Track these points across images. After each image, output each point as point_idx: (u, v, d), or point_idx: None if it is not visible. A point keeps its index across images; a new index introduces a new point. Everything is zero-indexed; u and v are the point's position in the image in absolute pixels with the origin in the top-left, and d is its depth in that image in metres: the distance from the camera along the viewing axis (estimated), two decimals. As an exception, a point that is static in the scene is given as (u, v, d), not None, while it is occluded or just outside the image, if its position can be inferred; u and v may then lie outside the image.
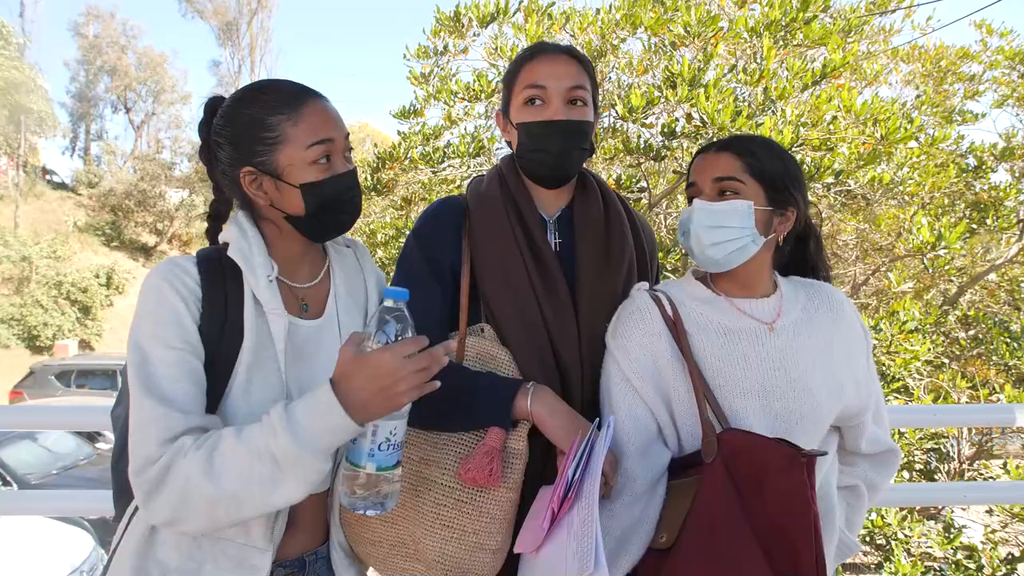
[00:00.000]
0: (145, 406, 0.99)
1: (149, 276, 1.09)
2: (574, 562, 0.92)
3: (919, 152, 3.89)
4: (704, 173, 1.21)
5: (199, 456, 0.96)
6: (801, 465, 0.97)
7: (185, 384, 1.03)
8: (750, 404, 1.13)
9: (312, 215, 1.14)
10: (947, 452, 4.34)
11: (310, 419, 0.96)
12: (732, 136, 1.29)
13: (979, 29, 5.65)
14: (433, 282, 1.27)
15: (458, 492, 1.15)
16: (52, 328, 18.61)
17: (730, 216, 1.17)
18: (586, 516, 0.94)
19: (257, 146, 1.12)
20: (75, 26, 31.06)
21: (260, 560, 1.08)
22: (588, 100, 1.31)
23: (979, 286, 5.46)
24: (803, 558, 0.96)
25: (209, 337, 1.08)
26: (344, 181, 1.16)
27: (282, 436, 0.95)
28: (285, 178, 1.12)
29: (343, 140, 1.17)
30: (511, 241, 1.28)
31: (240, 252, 1.13)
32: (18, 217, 22.35)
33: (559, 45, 1.36)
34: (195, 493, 0.95)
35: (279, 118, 1.11)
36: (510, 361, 1.23)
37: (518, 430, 1.18)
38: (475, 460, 1.13)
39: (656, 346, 1.18)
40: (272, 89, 1.15)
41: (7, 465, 6.15)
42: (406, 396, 0.96)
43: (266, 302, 1.11)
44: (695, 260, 1.23)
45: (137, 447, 0.99)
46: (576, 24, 3.99)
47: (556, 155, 1.28)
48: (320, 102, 1.16)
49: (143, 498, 0.98)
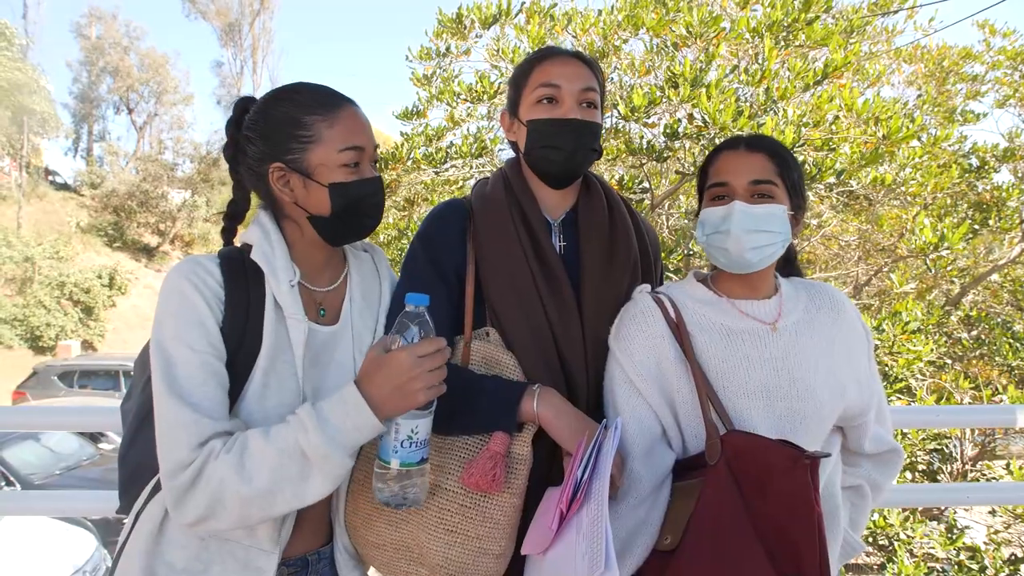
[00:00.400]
0: (173, 410, 1.01)
1: (170, 275, 1.10)
2: (584, 563, 0.91)
3: (921, 152, 3.88)
4: (739, 174, 1.19)
5: (230, 459, 0.99)
6: (804, 467, 0.97)
7: (211, 388, 1.04)
8: (753, 405, 1.13)
9: (336, 215, 1.16)
10: (950, 453, 4.33)
11: (339, 418, 1.00)
12: (754, 136, 1.27)
13: (982, 29, 5.65)
14: (439, 284, 1.27)
15: (462, 497, 1.15)
16: (55, 329, 18.64)
17: (770, 220, 1.17)
18: (596, 516, 0.94)
19: (291, 143, 1.14)
20: (77, 27, 31.15)
21: (266, 562, 1.09)
22: (598, 103, 1.33)
23: (982, 286, 5.45)
24: (806, 560, 0.95)
25: (230, 339, 1.08)
26: (370, 186, 1.18)
27: (313, 434, 0.98)
28: (315, 177, 1.14)
29: (372, 150, 1.20)
30: (515, 244, 1.28)
31: (263, 255, 1.14)
32: (21, 218, 22.39)
33: (569, 49, 1.38)
34: (229, 493, 0.98)
35: (315, 118, 1.14)
36: (515, 365, 1.23)
37: (522, 435, 1.18)
38: (479, 465, 1.13)
39: (659, 348, 1.18)
40: (309, 91, 1.18)
41: (10, 465, 6.17)
42: (421, 394, 0.99)
43: (287, 307, 1.12)
44: (720, 260, 1.21)
45: (168, 451, 1.01)
46: (578, 25, 3.99)
47: (567, 152, 1.28)
48: (354, 108, 1.19)
49: (175, 501, 1.00)
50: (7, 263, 19.05)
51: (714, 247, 1.20)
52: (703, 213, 1.23)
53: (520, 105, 1.34)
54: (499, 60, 4.12)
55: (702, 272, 1.34)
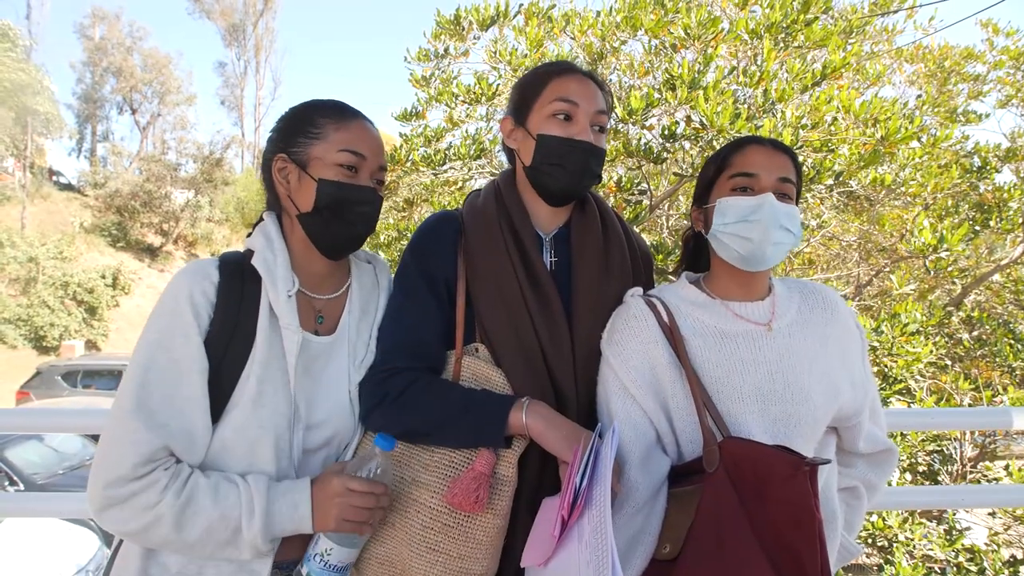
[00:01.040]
0: (130, 422, 1.03)
1: (172, 280, 1.13)
2: (589, 571, 0.91)
3: (921, 153, 3.86)
4: (770, 170, 1.18)
5: (175, 505, 1.03)
6: (805, 474, 0.96)
7: (178, 402, 1.06)
8: (748, 409, 1.13)
9: (318, 212, 1.17)
10: (950, 454, 4.32)
11: (284, 520, 1.08)
12: (770, 138, 1.26)
13: (985, 28, 5.62)
14: (429, 297, 1.26)
15: (445, 516, 1.15)
16: (59, 328, 18.68)
17: (794, 220, 1.18)
18: (598, 524, 0.93)
19: (299, 137, 1.19)
20: (81, 28, 31.30)
21: (260, 566, 1.10)
22: (606, 128, 1.33)
23: (984, 287, 5.42)
24: (808, 567, 0.94)
25: (217, 341, 1.09)
26: (361, 193, 1.19)
27: (257, 523, 1.05)
28: (309, 170, 1.18)
29: (376, 167, 1.22)
30: (505, 259, 1.26)
31: (264, 263, 1.16)
32: (25, 218, 22.45)
33: (584, 69, 1.36)
34: (160, 532, 1.03)
35: (326, 120, 1.19)
36: (504, 383, 1.22)
37: (507, 456, 1.17)
38: (462, 484, 1.13)
39: (653, 353, 1.18)
40: (334, 103, 1.23)
41: (14, 465, 6.20)
42: (332, 520, 1.07)
43: (282, 317, 1.13)
44: (737, 251, 1.19)
45: (110, 461, 1.03)
46: (576, 27, 3.98)
47: (573, 174, 1.27)
48: (368, 124, 1.23)
49: (98, 508, 1.03)
50: (11, 263, 19.10)
51: (735, 236, 1.18)
52: (725, 201, 1.19)
53: (530, 115, 1.31)
54: (498, 62, 4.11)
55: (693, 274, 1.33)
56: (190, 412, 1.06)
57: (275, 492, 1.08)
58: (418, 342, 1.24)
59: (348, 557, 1.11)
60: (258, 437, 1.09)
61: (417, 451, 1.22)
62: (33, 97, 22.94)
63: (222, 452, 1.09)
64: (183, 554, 1.06)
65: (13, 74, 21.63)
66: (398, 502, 1.18)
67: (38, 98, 23.38)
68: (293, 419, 1.12)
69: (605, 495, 0.95)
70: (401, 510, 1.18)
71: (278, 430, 1.10)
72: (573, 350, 1.24)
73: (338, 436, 1.21)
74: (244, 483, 1.07)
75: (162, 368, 1.06)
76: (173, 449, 1.05)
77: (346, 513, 1.06)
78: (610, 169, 4.05)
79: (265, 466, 1.10)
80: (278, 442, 1.11)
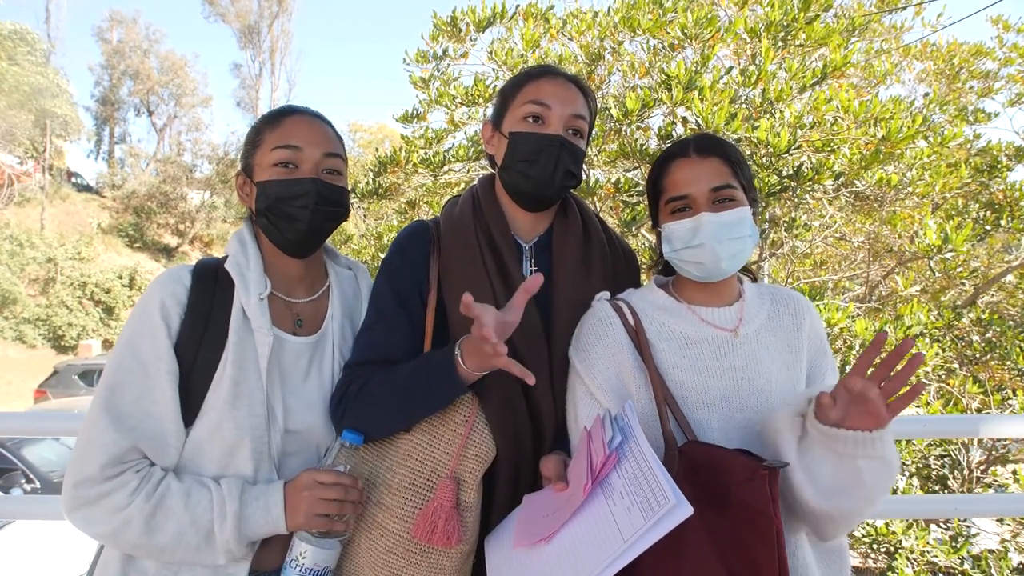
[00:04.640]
0: (100, 424, 1.04)
1: (148, 288, 1.16)
2: (636, 513, 0.89)
3: (928, 152, 3.78)
4: (698, 184, 1.15)
5: (145, 508, 1.03)
6: (763, 476, 0.95)
7: (145, 403, 1.07)
8: (713, 415, 1.11)
9: (261, 214, 1.20)
10: (956, 459, 4.23)
11: (258, 524, 1.07)
12: (701, 138, 1.22)
13: (995, 25, 5.50)
14: (400, 313, 1.23)
15: (407, 543, 1.13)
16: (76, 328, 19.02)
17: (741, 226, 1.15)
18: (637, 468, 0.93)
19: (248, 149, 1.23)
20: (99, 31, 31.79)
21: (236, 569, 1.10)
22: (584, 133, 1.29)
23: (997, 287, 5.31)
24: (765, 572, 0.93)
25: (188, 344, 1.11)
26: (296, 187, 1.18)
27: (229, 526, 1.05)
28: (253, 176, 1.21)
29: (319, 155, 1.20)
30: (480, 269, 1.23)
31: (236, 266, 1.18)
32: (44, 219, 22.86)
33: (567, 72, 1.33)
34: (129, 535, 1.03)
35: (264, 126, 1.22)
36: (471, 399, 1.18)
37: (468, 483, 1.15)
38: (428, 518, 1.12)
39: (618, 357, 1.16)
40: (274, 110, 1.26)
41: (31, 464, 6.28)
42: (303, 516, 1.06)
43: (254, 319, 1.14)
44: (694, 274, 1.18)
45: (81, 462, 1.04)
46: (574, 27, 3.96)
47: (545, 170, 1.23)
48: (303, 116, 1.23)
49: (68, 508, 1.04)
50: (31, 264, 19.48)
51: (686, 262, 1.17)
52: (668, 228, 1.19)
53: (504, 118, 1.29)
54: (497, 63, 4.11)
55: (662, 277, 1.32)
56: (159, 414, 1.07)
57: (248, 495, 1.08)
58: (383, 360, 1.21)
59: (325, 560, 1.09)
60: (234, 439, 1.09)
61: (381, 471, 1.19)
62: (52, 100, 23.35)
63: (197, 454, 1.10)
64: (154, 559, 1.06)
65: (32, 77, 22.03)
66: (364, 522, 1.17)
67: (57, 101, 23.80)
68: (268, 420, 1.12)
69: (642, 446, 0.95)
70: (367, 531, 1.16)
71: (255, 432, 1.10)
72: (551, 364, 1.21)
73: (321, 438, 1.21)
74: (217, 487, 1.07)
75: (129, 370, 1.07)
76: (144, 450, 1.05)
77: (315, 507, 1.06)
78: (609, 171, 4.03)
79: (243, 468, 1.10)
80: (256, 444, 1.11)
